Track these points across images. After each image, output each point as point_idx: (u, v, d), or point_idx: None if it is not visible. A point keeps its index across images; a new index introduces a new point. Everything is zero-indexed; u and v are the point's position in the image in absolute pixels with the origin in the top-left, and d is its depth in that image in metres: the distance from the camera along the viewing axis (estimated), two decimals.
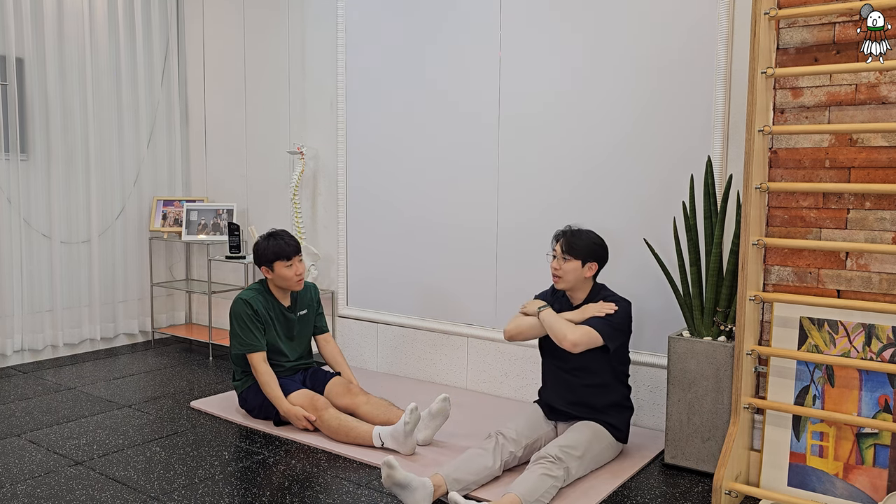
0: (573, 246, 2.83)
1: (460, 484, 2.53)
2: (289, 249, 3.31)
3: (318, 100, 4.41)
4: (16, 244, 4.33)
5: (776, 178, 2.69)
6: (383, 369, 4.22)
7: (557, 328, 2.77)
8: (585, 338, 2.73)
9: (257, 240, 3.39)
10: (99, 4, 4.63)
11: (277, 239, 3.33)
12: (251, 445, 3.09)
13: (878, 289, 2.53)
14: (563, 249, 2.85)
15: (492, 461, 2.65)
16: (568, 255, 2.83)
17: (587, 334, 2.74)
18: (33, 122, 4.38)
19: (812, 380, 2.60)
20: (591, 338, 2.74)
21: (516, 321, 2.93)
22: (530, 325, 2.89)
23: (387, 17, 4.05)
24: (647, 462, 2.94)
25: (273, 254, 3.30)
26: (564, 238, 2.87)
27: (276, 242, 3.31)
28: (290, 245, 3.32)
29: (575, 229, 2.90)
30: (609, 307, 2.80)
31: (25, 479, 2.73)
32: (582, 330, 2.74)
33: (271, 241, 3.32)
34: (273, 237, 3.34)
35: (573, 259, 2.83)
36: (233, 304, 3.34)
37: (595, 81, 3.37)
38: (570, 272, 2.84)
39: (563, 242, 2.86)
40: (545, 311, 2.85)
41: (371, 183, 4.20)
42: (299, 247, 3.38)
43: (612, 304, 2.82)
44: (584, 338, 2.73)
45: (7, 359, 4.35)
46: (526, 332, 2.90)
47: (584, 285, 2.90)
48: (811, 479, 2.58)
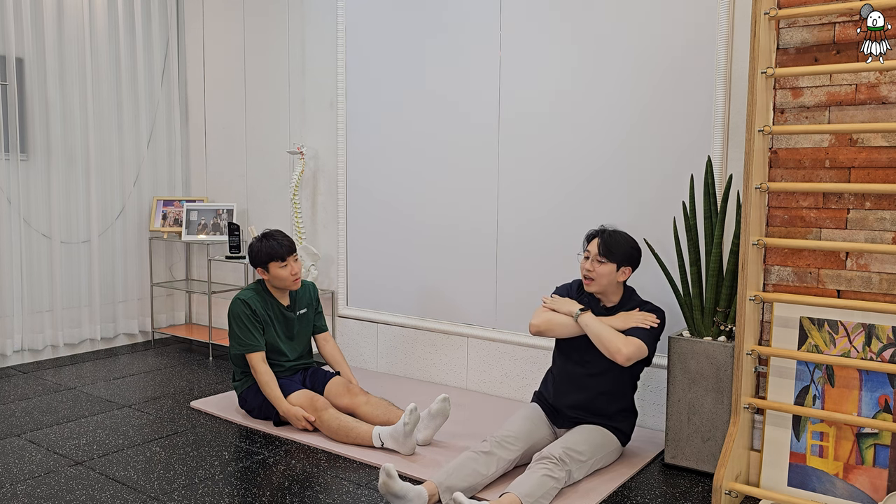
0: (611, 249, 2.74)
1: (451, 491, 2.46)
2: (282, 250, 3.30)
3: (318, 100, 4.41)
4: (16, 244, 4.33)
5: (776, 178, 2.69)
6: (383, 369, 4.22)
7: (609, 339, 2.67)
8: (637, 352, 2.66)
9: (252, 241, 3.39)
10: (99, 4, 4.63)
11: (271, 240, 3.32)
12: (251, 445, 3.09)
13: (878, 289, 2.53)
14: (599, 251, 2.75)
15: (485, 468, 2.58)
16: (604, 257, 2.75)
17: (639, 348, 2.67)
18: (33, 122, 4.38)
19: (812, 380, 2.60)
20: (641, 351, 2.68)
21: (546, 316, 2.82)
22: (563, 324, 2.79)
23: (387, 17, 4.05)
24: (647, 462, 2.94)
25: (266, 255, 3.30)
26: (601, 239, 2.77)
27: (269, 244, 3.30)
28: (284, 245, 3.31)
29: (612, 230, 2.80)
30: (652, 318, 2.75)
31: (25, 479, 2.73)
32: (635, 344, 2.66)
33: (265, 243, 3.31)
34: (266, 238, 3.33)
35: (608, 262, 2.75)
36: (231, 304, 3.33)
37: (595, 82, 3.37)
38: (604, 276, 2.77)
39: (599, 244, 2.76)
40: (587, 316, 2.75)
41: (371, 183, 4.20)
42: (293, 246, 3.36)
43: (653, 316, 2.76)
44: (636, 352, 2.66)
45: (7, 359, 4.35)
46: (557, 329, 2.80)
47: (616, 289, 2.83)
48: (811, 479, 2.58)
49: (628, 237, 2.82)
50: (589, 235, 2.85)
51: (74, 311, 4.63)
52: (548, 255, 3.53)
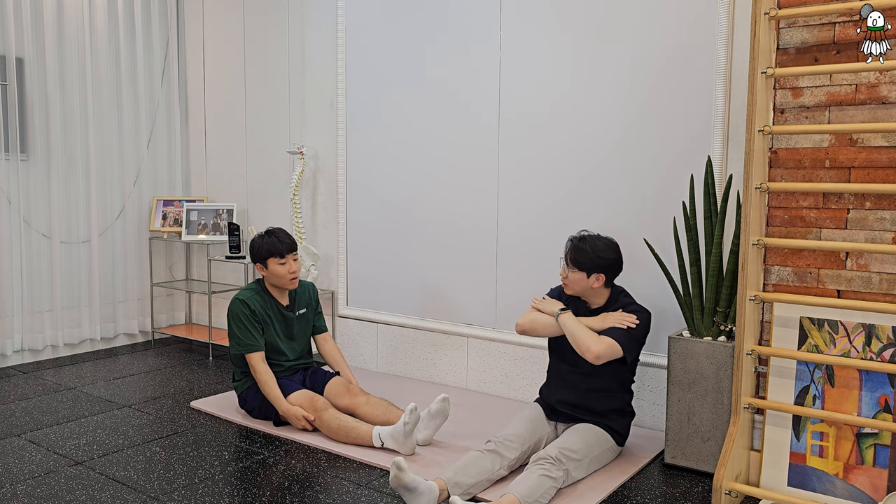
0: (577, 258, 2.80)
1: (461, 488, 2.52)
2: (282, 247, 3.32)
3: (318, 100, 4.41)
4: (16, 244, 4.33)
5: (776, 178, 2.69)
6: (383, 369, 4.22)
7: (581, 338, 2.73)
8: (609, 350, 2.70)
9: (254, 237, 3.41)
10: (99, 4, 4.63)
11: (272, 236, 3.35)
12: (251, 445, 3.09)
13: (878, 289, 2.53)
14: (568, 258, 2.83)
15: (491, 464, 2.63)
16: (572, 266, 2.81)
17: (610, 347, 2.70)
18: (33, 122, 4.38)
19: (812, 380, 2.60)
20: (614, 350, 2.71)
21: (531, 316, 2.90)
22: (545, 324, 2.86)
23: (387, 16, 4.05)
24: (647, 462, 2.94)
25: (267, 251, 3.32)
26: (570, 247, 2.83)
27: (271, 240, 3.33)
28: (284, 242, 3.34)
29: (582, 238, 2.83)
30: (630, 319, 2.77)
31: (25, 479, 2.73)
32: (606, 342, 2.70)
33: (266, 239, 3.35)
34: (269, 234, 3.36)
35: (577, 271, 2.80)
36: (230, 304, 3.34)
37: (595, 82, 3.37)
38: (576, 282, 2.83)
39: (568, 252, 2.83)
40: (565, 316, 2.82)
41: (371, 183, 4.20)
42: (294, 245, 3.38)
43: (632, 316, 2.78)
44: (607, 351, 2.70)
45: (7, 359, 4.35)
46: (540, 329, 2.88)
47: (597, 293, 2.85)
48: (811, 479, 2.58)
49: (599, 244, 2.81)
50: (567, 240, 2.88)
51: (74, 311, 4.63)
52: (548, 256, 3.53)
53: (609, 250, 2.82)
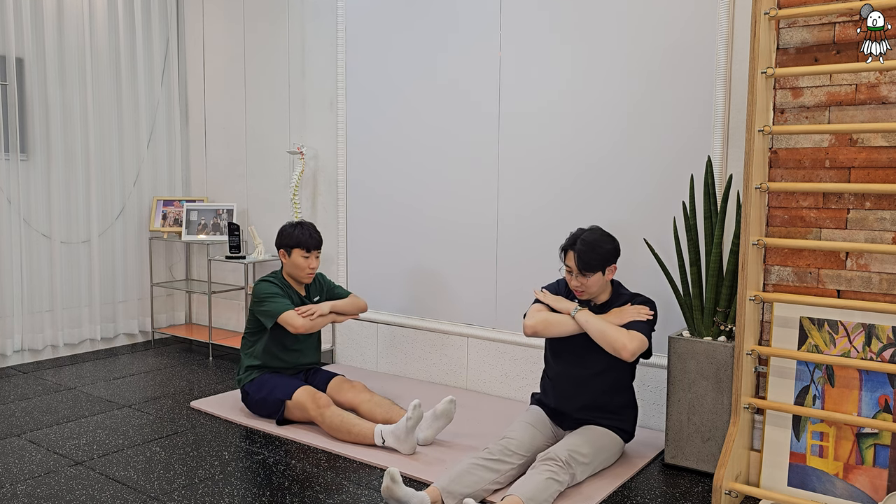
0: (589, 263, 2.70)
1: (455, 498, 2.43)
2: (311, 242, 3.42)
3: (318, 100, 4.41)
4: (16, 244, 4.33)
5: (776, 178, 2.69)
6: (383, 369, 4.22)
7: (612, 336, 2.64)
8: (641, 346, 2.65)
9: (285, 224, 3.49)
10: (99, 4, 4.63)
11: (304, 229, 3.45)
12: (251, 445, 3.09)
13: (878, 289, 2.53)
14: (578, 267, 2.71)
15: (490, 475, 2.54)
16: (587, 271, 2.71)
17: (642, 342, 2.66)
18: (33, 122, 4.38)
19: (812, 380, 2.60)
20: (644, 345, 2.68)
21: (542, 316, 2.77)
22: (560, 323, 2.74)
23: (387, 16, 4.05)
24: (647, 462, 2.94)
25: (295, 241, 3.41)
26: (578, 256, 2.70)
27: (302, 231, 3.43)
28: (314, 238, 3.44)
29: (586, 242, 2.71)
30: (646, 310, 2.74)
31: (25, 479, 2.73)
32: (638, 338, 2.65)
33: (298, 229, 3.44)
34: (301, 226, 3.46)
35: (592, 274, 2.72)
36: (255, 286, 3.41)
37: (595, 81, 3.37)
38: (593, 284, 2.75)
39: (577, 261, 2.71)
40: (584, 314, 2.71)
41: (371, 182, 4.20)
42: (321, 244, 3.48)
43: (646, 308, 2.75)
44: (641, 346, 2.65)
45: (7, 359, 4.35)
46: (554, 330, 2.75)
47: (603, 287, 2.81)
48: (811, 479, 2.58)
49: (601, 240, 2.74)
50: (563, 248, 2.79)
51: (74, 311, 4.63)
52: (548, 256, 3.52)
53: (606, 238, 2.77)
